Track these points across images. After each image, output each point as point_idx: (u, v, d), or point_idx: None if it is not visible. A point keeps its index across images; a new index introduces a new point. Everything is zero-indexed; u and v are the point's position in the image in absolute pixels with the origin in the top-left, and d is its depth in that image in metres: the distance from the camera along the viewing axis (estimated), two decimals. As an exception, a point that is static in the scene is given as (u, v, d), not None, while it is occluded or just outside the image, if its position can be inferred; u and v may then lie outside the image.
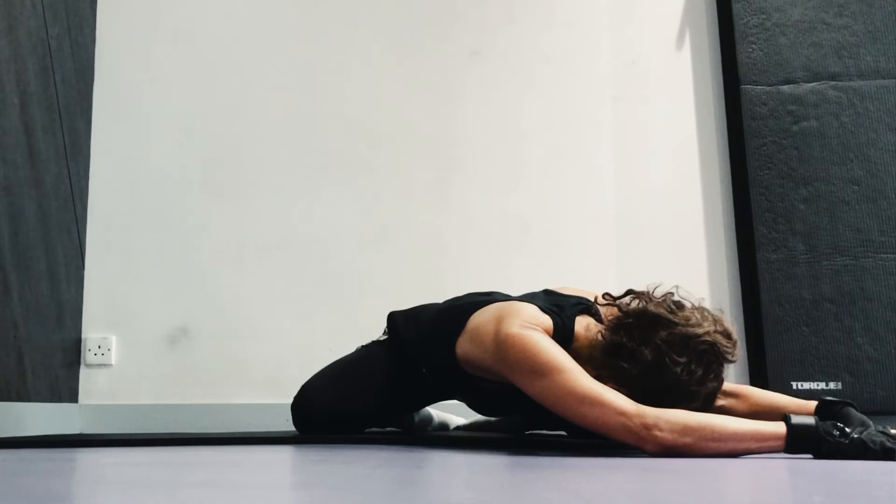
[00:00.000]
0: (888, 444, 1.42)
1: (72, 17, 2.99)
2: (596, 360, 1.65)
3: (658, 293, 1.68)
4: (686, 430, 1.49)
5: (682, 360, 1.56)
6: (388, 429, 2.29)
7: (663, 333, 1.58)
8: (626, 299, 1.71)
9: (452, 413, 2.50)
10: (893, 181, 2.94)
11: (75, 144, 2.99)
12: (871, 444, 1.42)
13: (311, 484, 1.03)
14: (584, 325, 1.74)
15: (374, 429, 2.23)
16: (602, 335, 1.67)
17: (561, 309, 1.76)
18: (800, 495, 0.96)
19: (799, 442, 1.46)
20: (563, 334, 1.70)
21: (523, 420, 2.29)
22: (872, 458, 1.41)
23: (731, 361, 1.62)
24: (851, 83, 3.01)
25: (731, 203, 3.08)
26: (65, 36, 2.94)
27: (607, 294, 1.78)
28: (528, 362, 1.62)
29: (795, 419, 1.48)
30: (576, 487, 1.02)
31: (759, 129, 3.00)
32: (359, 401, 2.09)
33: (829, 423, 1.47)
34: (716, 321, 1.62)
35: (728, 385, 1.82)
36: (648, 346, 1.58)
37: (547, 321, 1.70)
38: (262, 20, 3.23)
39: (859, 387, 2.78)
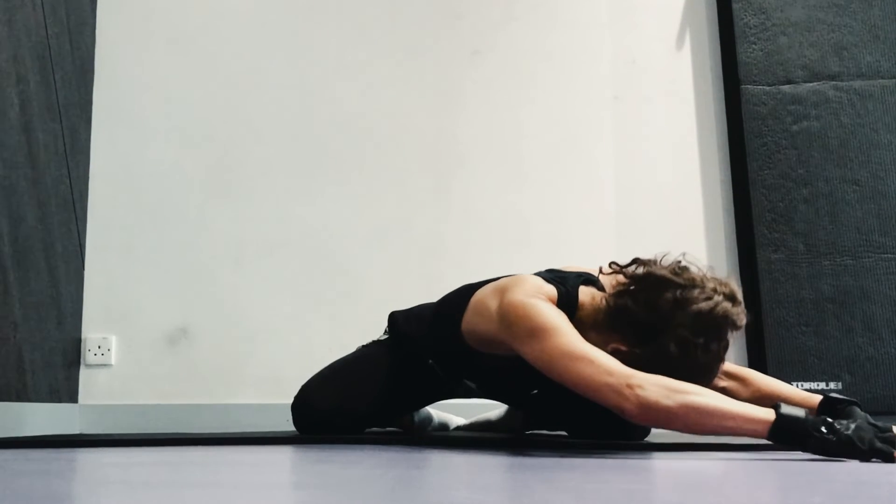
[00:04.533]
0: (878, 444, 1.38)
1: (72, 17, 2.99)
2: (601, 326, 1.65)
3: (665, 262, 1.68)
4: (670, 391, 1.45)
5: (688, 329, 1.54)
6: (388, 429, 2.29)
7: (668, 296, 1.57)
8: (632, 267, 1.71)
9: (452, 413, 2.50)
10: (894, 181, 2.94)
11: (75, 144, 2.98)
12: (858, 443, 1.38)
13: (311, 484, 1.03)
14: (588, 295, 1.75)
15: (374, 429, 2.23)
16: (607, 300, 1.66)
17: (565, 280, 1.77)
18: (800, 495, 0.96)
19: (784, 432, 1.42)
20: (567, 303, 1.71)
21: (523, 421, 2.29)
22: (860, 458, 1.38)
23: (739, 327, 1.59)
24: (851, 83, 3.01)
25: (731, 203, 3.08)
26: (65, 36, 2.94)
27: (613, 263, 1.76)
28: (527, 324, 1.62)
29: (785, 409, 1.43)
30: (576, 487, 1.02)
31: (759, 129, 3.00)
32: (359, 401, 2.09)
33: (819, 418, 1.44)
34: (721, 284, 1.61)
35: (732, 367, 1.82)
36: (655, 313, 1.57)
37: (551, 290, 1.71)
38: (262, 20, 3.23)
39: (859, 387, 2.78)
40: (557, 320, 1.61)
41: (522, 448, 1.79)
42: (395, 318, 2.16)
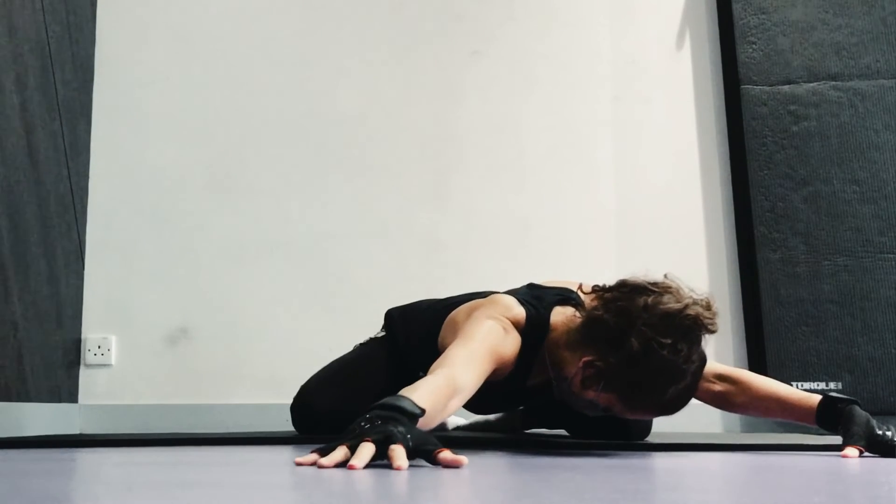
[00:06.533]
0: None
1: (72, 17, 2.99)
2: (574, 343, 1.62)
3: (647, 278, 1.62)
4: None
5: (655, 329, 1.48)
6: (388, 429, 2.29)
7: (640, 300, 1.52)
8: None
9: (452, 413, 2.50)
10: (893, 181, 2.94)
11: (75, 144, 2.98)
12: None
13: (310, 484, 1.03)
14: (562, 315, 1.71)
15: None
16: (582, 315, 1.63)
17: (540, 301, 1.74)
18: (800, 495, 0.96)
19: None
20: (537, 325, 1.69)
21: (522, 420, 2.29)
22: None
23: (710, 331, 1.53)
24: (851, 83, 3.01)
25: (731, 203, 3.08)
26: (65, 36, 2.94)
27: (596, 285, 1.70)
28: (463, 332, 1.61)
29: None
30: (576, 487, 1.02)
31: (759, 129, 3.00)
32: (359, 401, 2.08)
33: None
34: (698, 296, 1.55)
35: (726, 370, 1.78)
36: (625, 317, 1.51)
37: (520, 313, 1.68)
38: (262, 20, 3.23)
39: (859, 387, 2.78)
40: (482, 338, 1.58)
41: (522, 448, 1.79)
42: (391, 316, 2.16)
